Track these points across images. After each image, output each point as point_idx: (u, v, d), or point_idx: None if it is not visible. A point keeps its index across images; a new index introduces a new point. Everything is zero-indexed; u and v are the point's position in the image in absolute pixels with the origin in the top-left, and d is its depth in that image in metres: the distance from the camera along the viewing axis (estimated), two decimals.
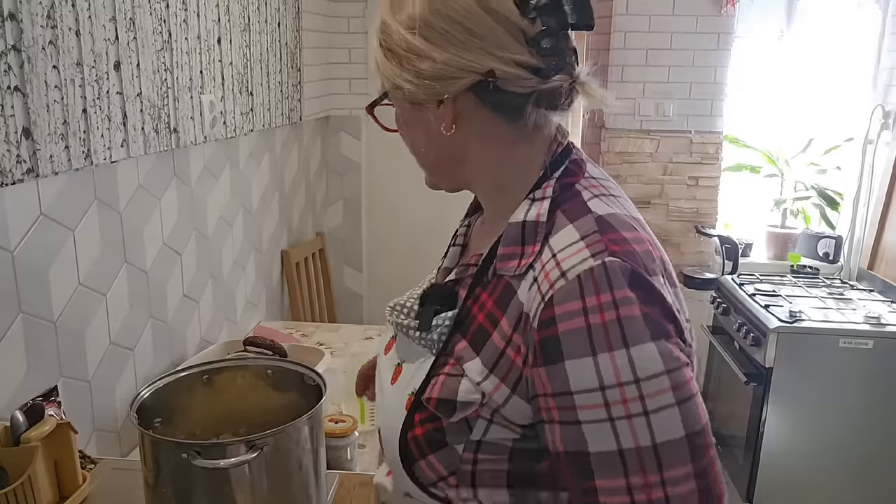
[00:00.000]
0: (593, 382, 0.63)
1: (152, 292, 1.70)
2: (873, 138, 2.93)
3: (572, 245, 0.67)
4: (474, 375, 0.71)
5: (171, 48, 1.66)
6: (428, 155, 0.81)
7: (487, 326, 0.72)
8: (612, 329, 0.63)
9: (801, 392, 2.41)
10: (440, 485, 0.73)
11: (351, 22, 3.11)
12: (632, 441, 0.63)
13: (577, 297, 0.64)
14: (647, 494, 0.63)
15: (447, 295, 0.79)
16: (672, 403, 0.65)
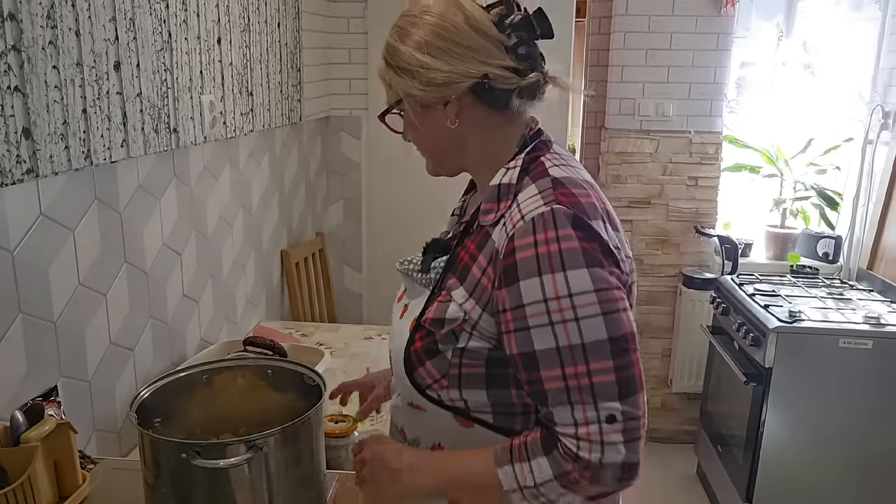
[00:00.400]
0: (539, 296, 0.86)
1: (152, 292, 1.70)
2: (873, 138, 2.93)
3: (532, 197, 0.90)
4: (458, 298, 0.94)
5: (171, 48, 1.66)
6: (435, 147, 1.03)
7: (469, 263, 0.95)
8: (554, 257, 0.85)
9: (801, 392, 2.42)
10: (434, 386, 0.96)
11: (351, 22, 3.11)
12: (566, 340, 0.85)
13: (530, 234, 0.87)
14: (577, 381, 0.85)
15: (444, 246, 1.04)
16: (598, 313, 0.85)
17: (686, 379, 3.29)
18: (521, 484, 0.88)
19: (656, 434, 3.44)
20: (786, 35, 3.03)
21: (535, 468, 0.88)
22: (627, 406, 0.85)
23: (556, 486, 0.87)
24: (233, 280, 2.21)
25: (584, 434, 0.85)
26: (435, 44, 0.94)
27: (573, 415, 0.86)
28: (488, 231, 0.94)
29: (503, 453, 0.91)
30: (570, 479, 0.87)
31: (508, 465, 0.89)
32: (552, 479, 0.87)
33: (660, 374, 3.39)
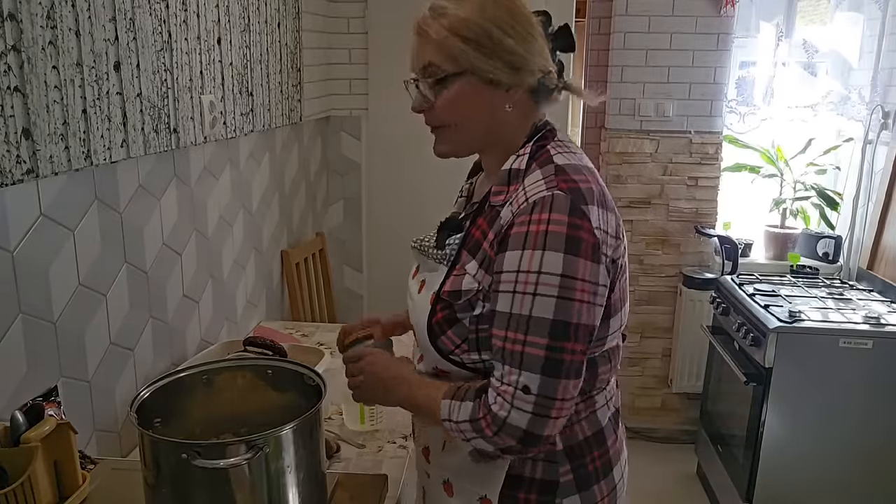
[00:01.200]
0: (514, 266, 0.96)
1: (152, 292, 1.70)
2: (873, 138, 2.94)
3: (536, 182, 1.00)
4: (472, 271, 1.03)
5: (171, 48, 1.66)
6: (472, 126, 1.07)
7: (480, 238, 1.05)
8: (539, 236, 0.95)
9: (801, 392, 2.42)
10: (456, 351, 1.05)
11: (351, 22, 3.11)
12: (518, 308, 0.96)
13: (528, 214, 0.97)
14: (512, 345, 0.97)
15: (457, 225, 1.11)
16: (553, 295, 0.94)
17: (686, 379, 3.29)
18: (451, 417, 1.02)
19: (656, 434, 3.44)
20: (786, 35, 3.03)
21: (462, 408, 1.01)
22: (545, 384, 0.95)
23: (468, 427, 1.00)
24: (233, 280, 2.21)
25: (502, 391, 0.97)
26: (517, 28, 1.00)
27: (501, 372, 0.98)
28: (497, 210, 1.03)
29: (453, 389, 1.04)
30: (478, 426, 0.99)
31: (450, 399, 1.03)
32: (468, 421, 1.00)
33: (660, 374, 3.39)
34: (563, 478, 1.07)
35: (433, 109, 1.06)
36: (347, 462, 1.54)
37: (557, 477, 1.07)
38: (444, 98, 1.04)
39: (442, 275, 1.08)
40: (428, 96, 1.06)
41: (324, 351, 1.86)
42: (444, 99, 1.04)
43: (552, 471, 1.07)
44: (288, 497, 1.05)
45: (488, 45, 1.00)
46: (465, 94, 1.03)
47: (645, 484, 3.07)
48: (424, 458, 1.21)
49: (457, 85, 1.03)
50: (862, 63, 3.05)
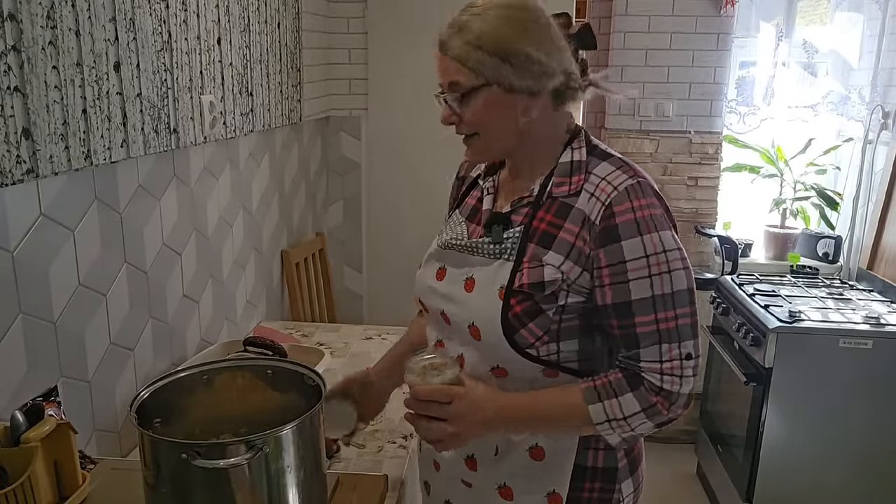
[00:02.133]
0: (640, 252, 1.01)
1: (152, 292, 1.70)
2: (873, 138, 2.94)
3: (613, 172, 1.06)
4: (553, 262, 1.05)
5: (171, 49, 1.66)
6: (501, 132, 1.09)
7: (551, 231, 1.07)
8: (649, 221, 1.03)
9: (801, 392, 2.42)
10: (536, 344, 1.07)
11: (351, 22, 3.11)
12: (660, 289, 1.01)
13: (627, 201, 1.03)
14: (666, 324, 1.02)
15: (506, 220, 1.12)
16: (681, 267, 1.03)
17: None
18: (609, 416, 1.03)
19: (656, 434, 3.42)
20: (786, 35, 3.03)
21: (623, 403, 1.03)
22: (696, 346, 1.04)
23: (641, 417, 1.03)
24: (233, 280, 2.21)
25: (668, 369, 1.02)
26: (536, 35, 1.05)
27: (660, 352, 1.02)
28: (565, 202, 1.08)
29: (589, 392, 1.04)
30: (654, 410, 1.03)
31: (598, 402, 1.03)
32: (640, 412, 1.03)
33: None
34: (620, 463, 1.14)
35: (463, 120, 1.09)
36: (347, 462, 1.54)
37: (616, 463, 1.14)
38: (471, 111, 1.07)
39: (504, 269, 1.08)
40: (455, 110, 1.08)
41: (324, 351, 1.86)
42: (470, 111, 1.07)
43: (612, 458, 1.13)
44: (288, 497, 1.05)
45: (508, 55, 1.03)
46: (491, 104, 1.06)
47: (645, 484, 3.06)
48: (469, 468, 1.18)
49: (482, 97, 1.06)
50: (862, 63, 3.05)
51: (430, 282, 1.19)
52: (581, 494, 1.13)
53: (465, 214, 1.22)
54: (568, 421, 1.06)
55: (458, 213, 1.24)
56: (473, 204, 1.22)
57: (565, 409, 1.05)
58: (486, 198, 1.20)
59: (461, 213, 1.23)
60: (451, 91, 1.07)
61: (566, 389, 1.06)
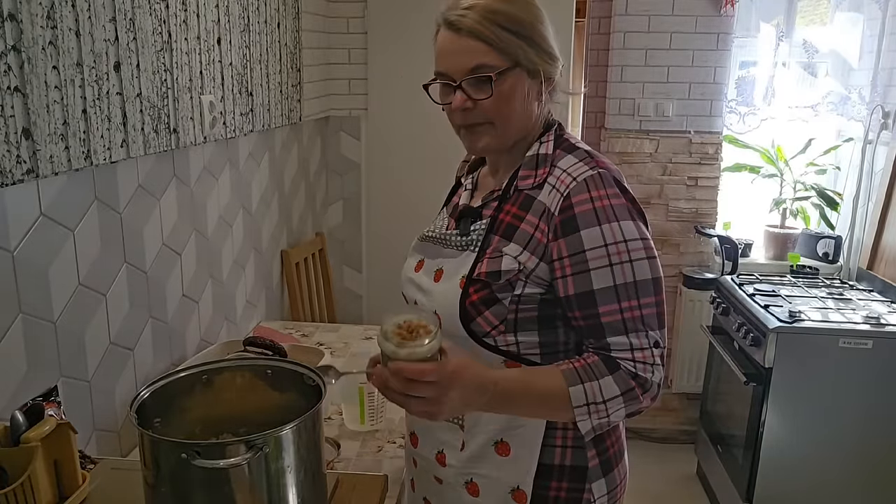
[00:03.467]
0: (598, 242, 1.00)
1: (152, 292, 1.70)
2: (873, 138, 2.94)
3: (575, 164, 1.05)
4: (512, 252, 1.05)
5: (170, 49, 1.66)
6: (516, 117, 1.08)
7: (514, 223, 1.07)
8: (608, 210, 1.01)
9: (801, 392, 2.42)
10: (492, 333, 1.06)
11: (351, 22, 3.11)
12: (622, 278, 1.00)
13: (586, 191, 1.02)
14: (630, 313, 1.01)
15: (477, 213, 1.14)
16: (644, 257, 1.02)
17: (686, 379, 3.29)
18: (589, 400, 1.00)
19: (656, 434, 3.44)
20: (786, 35, 3.03)
21: (603, 386, 1.00)
22: (663, 335, 1.03)
23: (619, 402, 1.00)
24: (233, 280, 2.21)
25: (640, 357, 1.01)
26: (546, 21, 1.06)
27: (629, 341, 1.01)
28: (528, 195, 1.07)
29: (570, 374, 1.01)
30: (631, 396, 1.01)
31: (579, 384, 1.00)
32: (619, 395, 1.00)
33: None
34: (590, 462, 1.11)
35: (477, 107, 1.05)
36: (347, 462, 1.54)
37: (586, 462, 1.11)
38: (498, 94, 1.04)
39: (468, 259, 1.09)
40: (475, 95, 1.04)
41: (324, 351, 1.86)
42: (496, 95, 1.03)
43: (581, 456, 1.11)
44: (288, 497, 1.05)
45: (534, 36, 1.03)
46: (516, 88, 1.05)
47: (645, 484, 3.06)
48: (439, 463, 1.18)
49: (509, 80, 1.03)
50: (862, 63, 3.05)
51: (410, 273, 1.21)
52: (547, 493, 1.11)
53: (449, 211, 1.25)
54: (548, 404, 1.02)
55: (444, 210, 1.27)
56: (456, 202, 1.25)
57: (546, 392, 1.01)
58: (464, 193, 1.23)
59: (447, 210, 1.26)
60: (474, 74, 1.02)
61: (545, 370, 1.03)
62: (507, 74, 1.03)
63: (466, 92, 1.04)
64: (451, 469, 1.16)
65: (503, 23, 1.01)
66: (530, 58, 1.04)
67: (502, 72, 1.02)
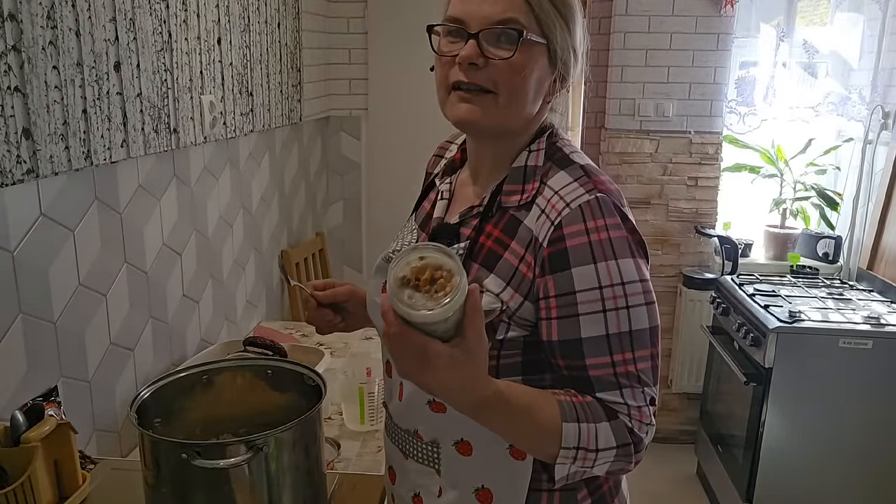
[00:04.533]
0: (594, 283, 0.85)
1: (152, 292, 1.70)
2: (873, 138, 2.94)
3: (569, 185, 0.90)
4: (493, 288, 0.90)
5: (171, 49, 1.66)
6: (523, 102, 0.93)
7: (497, 250, 0.92)
8: (606, 246, 0.86)
9: (801, 392, 2.42)
10: None
11: (351, 22, 3.11)
12: (616, 327, 0.86)
13: (581, 221, 0.86)
14: (624, 367, 0.87)
15: (453, 233, 0.98)
16: (643, 303, 0.88)
17: (686, 379, 3.29)
18: (581, 444, 0.84)
19: (656, 434, 3.42)
20: (786, 35, 3.03)
21: (599, 433, 0.85)
22: (656, 390, 0.90)
23: (611, 454, 0.86)
24: (233, 280, 2.21)
25: (637, 416, 0.87)
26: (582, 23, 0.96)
27: (623, 398, 0.87)
28: (514, 216, 0.92)
29: (568, 408, 0.85)
30: (625, 452, 0.87)
31: (575, 422, 0.84)
32: (613, 448, 0.86)
33: (660, 374, 3.39)
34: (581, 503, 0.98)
35: (487, 67, 0.89)
36: (347, 462, 1.55)
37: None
38: (515, 60, 0.88)
39: None
40: (492, 52, 0.89)
41: (324, 351, 1.86)
42: (513, 61, 0.88)
43: (570, 499, 0.97)
44: (288, 497, 1.05)
45: (571, 22, 0.92)
46: (535, 64, 0.90)
47: (645, 484, 3.06)
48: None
49: (533, 52, 0.90)
50: (862, 63, 3.05)
51: (376, 297, 1.03)
52: None
53: (418, 221, 1.08)
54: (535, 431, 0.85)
55: (412, 220, 1.10)
56: (428, 209, 1.07)
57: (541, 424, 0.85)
58: (440, 203, 1.05)
59: (416, 220, 1.09)
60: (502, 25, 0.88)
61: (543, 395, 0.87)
62: (535, 45, 0.90)
63: (481, 45, 0.89)
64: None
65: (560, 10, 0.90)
66: (562, 42, 0.91)
67: (530, 40, 0.89)
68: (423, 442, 0.99)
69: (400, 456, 1.04)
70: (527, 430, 0.86)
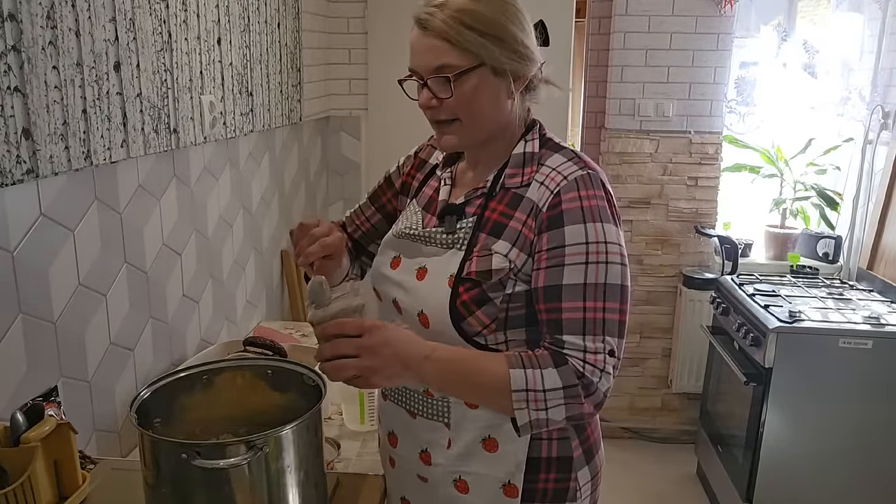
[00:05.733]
0: (580, 238, 1.01)
1: (152, 292, 1.70)
2: (873, 138, 2.94)
3: (564, 163, 1.07)
4: (501, 250, 1.06)
5: (171, 49, 1.66)
6: (483, 116, 1.08)
7: (502, 220, 1.08)
8: (595, 210, 1.03)
9: (801, 392, 2.42)
10: (483, 332, 1.06)
11: (351, 22, 3.11)
12: (594, 278, 1.00)
13: (575, 190, 1.04)
14: (593, 314, 1.00)
15: (460, 210, 1.13)
16: (619, 262, 1.03)
17: (686, 379, 3.29)
18: (529, 386, 0.98)
19: (656, 434, 3.44)
20: (786, 35, 3.03)
21: (545, 376, 0.98)
22: (620, 345, 1.02)
23: (559, 395, 0.98)
24: (233, 280, 2.21)
25: (592, 360, 0.99)
26: (521, 20, 1.06)
27: (584, 342, 0.99)
28: (517, 192, 1.08)
29: (514, 359, 1.00)
30: (573, 392, 0.98)
31: (521, 368, 0.99)
32: (560, 388, 0.98)
33: (660, 374, 3.39)
34: (575, 452, 1.13)
35: (443, 104, 1.06)
36: (347, 462, 1.55)
37: (571, 452, 1.12)
38: (460, 93, 1.04)
39: (455, 258, 1.09)
40: (440, 94, 1.06)
41: None
42: (459, 94, 1.04)
43: (566, 447, 1.12)
44: (288, 497, 1.05)
45: (501, 34, 1.03)
46: (481, 87, 1.05)
47: (645, 484, 3.07)
48: (423, 462, 1.17)
49: (473, 79, 1.04)
50: (862, 63, 3.05)
51: (385, 270, 1.19)
52: (536, 486, 1.12)
53: (421, 204, 1.22)
54: (488, 384, 1.00)
55: (415, 203, 1.24)
56: (430, 194, 1.22)
57: (488, 371, 1.00)
58: (443, 188, 1.20)
59: (418, 203, 1.23)
60: (439, 73, 1.04)
61: (492, 354, 1.04)
62: (470, 74, 1.03)
63: (432, 90, 1.06)
64: (437, 468, 1.16)
65: (469, 22, 1.01)
66: (496, 56, 1.03)
67: (464, 72, 1.03)
68: (433, 398, 1.14)
69: (406, 416, 1.18)
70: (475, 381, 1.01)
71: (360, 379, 0.98)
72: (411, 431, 1.18)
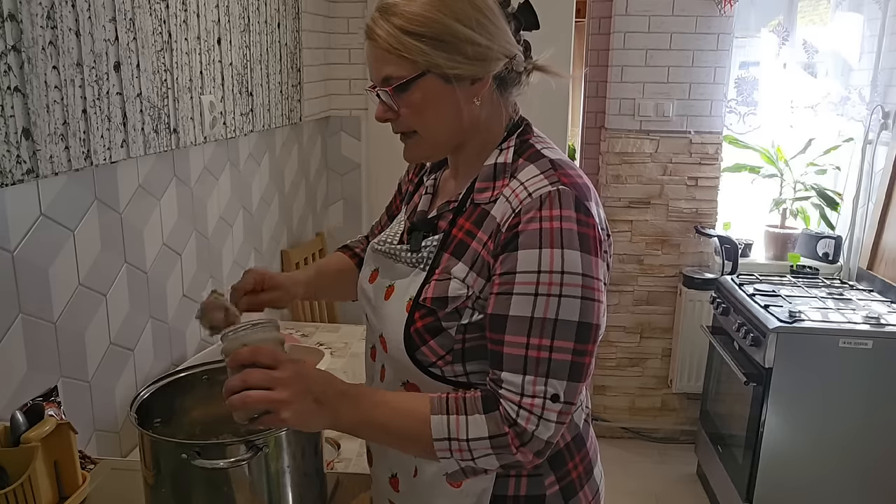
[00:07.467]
0: (533, 266, 0.88)
1: (152, 292, 1.70)
2: (873, 138, 2.94)
3: (535, 177, 0.93)
4: (459, 275, 0.94)
5: (171, 49, 1.66)
6: (443, 126, 0.98)
7: (466, 240, 0.97)
8: (555, 234, 0.88)
9: (801, 392, 2.42)
10: (438, 363, 0.96)
11: (351, 22, 3.11)
12: (542, 312, 0.87)
13: (537, 209, 0.89)
14: (536, 352, 0.87)
15: (431, 225, 1.03)
16: (578, 296, 0.88)
17: (686, 379, 3.29)
18: (451, 434, 0.88)
19: (656, 434, 3.44)
20: (786, 35, 3.03)
21: (470, 423, 0.88)
22: (570, 390, 0.88)
23: (485, 445, 0.88)
24: (233, 280, 2.20)
25: (528, 404, 0.87)
26: (474, 17, 0.93)
27: (522, 383, 0.88)
28: (485, 209, 0.96)
29: (439, 402, 0.90)
30: (501, 442, 0.88)
31: (444, 414, 0.89)
32: (485, 438, 0.88)
33: (660, 374, 3.39)
34: (549, 490, 1.00)
35: (398, 117, 0.98)
36: (347, 462, 1.55)
37: (543, 490, 1.00)
38: (408, 104, 0.95)
39: (417, 279, 0.99)
40: (391, 105, 0.96)
41: (324, 351, 1.86)
42: (407, 105, 0.95)
43: (537, 484, 1.00)
44: (288, 497, 1.05)
45: (445, 38, 0.92)
46: (429, 96, 0.94)
47: (645, 484, 3.07)
48: (392, 488, 1.08)
49: (418, 88, 0.94)
50: (862, 63, 3.05)
51: (363, 283, 1.12)
52: None
53: (408, 213, 1.13)
54: (407, 428, 0.90)
55: (403, 212, 1.16)
56: (417, 202, 1.12)
57: (408, 414, 0.90)
58: (424, 197, 1.10)
59: (406, 212, 1.15)
60: (385, 85, 0.94)
61: (417, 395, 0.94)
62: (413, 84, 0.93)
63: (383, 100, 0.97)
64: (404, 494, 1.06)
65: (409, 27, 0.91)
66: (439, 62, 0.92)
67: (405, 83, 0.93)
68: None
69: None
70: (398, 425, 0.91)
71: (269, 416, 0.86)
72: (383, 453, 1.10)
